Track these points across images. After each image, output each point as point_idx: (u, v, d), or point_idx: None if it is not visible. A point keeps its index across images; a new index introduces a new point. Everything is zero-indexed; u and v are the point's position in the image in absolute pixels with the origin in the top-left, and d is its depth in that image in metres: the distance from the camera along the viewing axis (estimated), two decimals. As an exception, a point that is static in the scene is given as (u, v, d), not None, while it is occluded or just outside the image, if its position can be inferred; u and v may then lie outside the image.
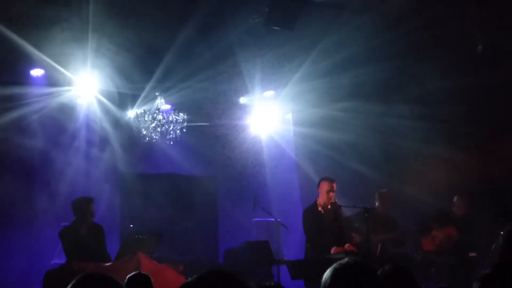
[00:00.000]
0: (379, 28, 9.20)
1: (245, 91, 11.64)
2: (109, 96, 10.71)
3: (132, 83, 10.43)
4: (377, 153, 11.13)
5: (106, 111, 10.81)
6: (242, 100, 11.87)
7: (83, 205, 8.63)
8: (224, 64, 10.32)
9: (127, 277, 5.30)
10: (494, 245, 8.66)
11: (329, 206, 8.87)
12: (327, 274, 2.75)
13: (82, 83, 10.23)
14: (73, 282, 2.60)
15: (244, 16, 9.04)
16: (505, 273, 2.12)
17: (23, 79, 10.09)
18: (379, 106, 10.91)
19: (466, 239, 9.60)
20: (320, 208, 8.89)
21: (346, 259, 2.78)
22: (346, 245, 8.63)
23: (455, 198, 10.05)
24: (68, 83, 10.18)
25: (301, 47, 9.93)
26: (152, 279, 5.42)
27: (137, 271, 5.56)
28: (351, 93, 10.81)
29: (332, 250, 8.56)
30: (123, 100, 10.96)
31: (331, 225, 8.92)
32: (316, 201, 8.97)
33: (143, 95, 10.84)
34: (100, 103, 10.68)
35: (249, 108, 12.15)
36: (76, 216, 8.63)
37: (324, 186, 8.87)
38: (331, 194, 8.80)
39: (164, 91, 10.81)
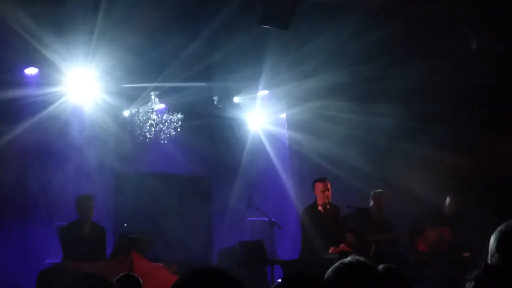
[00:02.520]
0: (368, 26, 9.20)
1: (239, 91, 11.63)
2: (104, 95, 10.66)
3: (128, 82, 10.40)
4: (368, 153, 11.13)
5: (101, 110, 10.77)
6: (236, 99, 11.86)
7: (85, 202, 8.68)
8: (218, 63, 10.31)
9: (115, 279, 5.27)
10: (487, 245, 8.66)
11: (328, 206, 8.94)
12: (329, 273, 2.74)
13: (77, 82, 10.19)
14: (66, 282, 2.59)
15: (238, 16, 9.04)
16: (496, 274, 2.11)
17: (17, 78, 10.05)
18: (369, 105, 10.91)
19: (460, 239, 9.62)
20: (320, 207, 8.95)
21: (348, 259, 2.77)
22: (341, 246, 8.67)
23: (447, 198, 10.07)
24: (63, 81, 10.14)
25: (293, 46, 9.93)
26: (142, 281, 5.40)
27: (126, 273, 5.52)
28: (342, 92, 10.81)
29: (330, 251, 8.59)
30: (118, 99, 10.91)
31: (329, 225, 8.96)
32: (316, 200, 9.04)
33: (137, 94, 10.81)
34: (95, 102, 10.64)
35: (243, 107, 12.14)
36: (79, 213, 8.68)
37: (318, 186, 8.94)
38: (327, 193, 8.88)
39: (159, 91, 10.79)
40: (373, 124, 11.02)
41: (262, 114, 12.38)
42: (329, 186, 8.93)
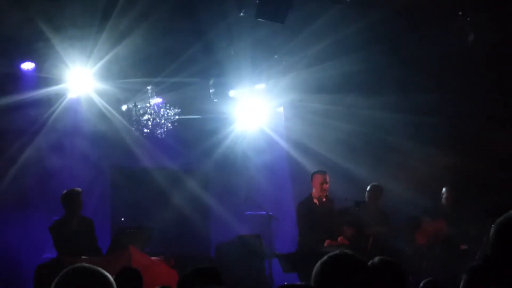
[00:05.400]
0: (361, 16, 9.18)
1: (236, 84, 11.61)
2: (101, 90, 10.65)
3: (125, 77, 10.39)
4: (367, 147, 11.13)
5: (98, 105, 10.75)
6: (233, 93, 11.84)
7: (71, 198, 8.62)
8: (215, 57, 10.30)
9: (116, 273, 5.29)
10: (485, 237, 8.68)
11: (324, 199, 8.95)
12: (317, 266, 2.75)
13: (75, 76, 10.17)
14: (59, 275, 2.56)
15: (235, 9, 9.02)
16: (495, 266, 2.12)
17: (14, 73, 10.03)
18: (367, 98, 10.90)
19: (457, 232, 9.63)
20: (315, 201, 8.96)
21: (336, 252, 2.78)
22: (339, 238, 8.68)
23: (443, 190, 10.08)
24: (61, 75, 10.12)
25: (289, 38, 9.92)
26: (142, 274, 5.42)
27: (126, 266, 5.55)
28: (340, 85, 10.79)
29: (326, 243, 8.60)
30: (116, 93, 10.90)
31: (324, 218, 8.97)
32: (311, 194, 9.04)
33: (134, 88, 10.80)
34: (92, 96, 10.62)
35: (240, 101, 12.12)
36: (66, 209, 8.63)
37: (317, 178, 8.98)
38: (325, 185, 8.92)
39: (156, 85, 10.78)
40: (369, 117, 11.01)
41: (259, 108, 12.37)
42: (328, 180, 8.97)
